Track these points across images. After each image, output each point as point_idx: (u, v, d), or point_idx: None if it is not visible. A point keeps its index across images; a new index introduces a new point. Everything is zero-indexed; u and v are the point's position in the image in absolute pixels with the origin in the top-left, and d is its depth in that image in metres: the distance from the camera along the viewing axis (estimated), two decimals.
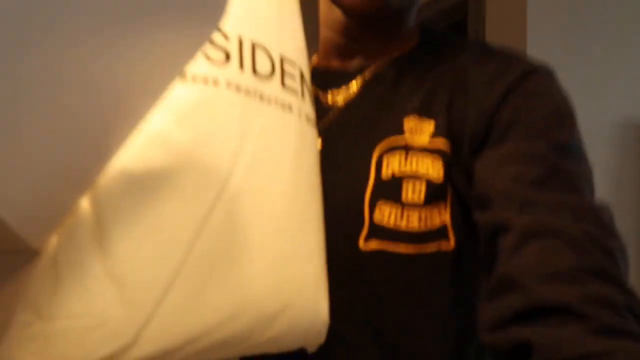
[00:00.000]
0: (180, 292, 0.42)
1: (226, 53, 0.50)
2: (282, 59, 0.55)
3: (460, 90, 0.60)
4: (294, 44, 0.58)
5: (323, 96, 0.66)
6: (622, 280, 0.46)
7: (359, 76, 0.65)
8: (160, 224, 0.43)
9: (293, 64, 0.56)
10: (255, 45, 0.52)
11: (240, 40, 0.51)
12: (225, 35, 0.50)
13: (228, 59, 0.50)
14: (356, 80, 0.65)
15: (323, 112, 0.64)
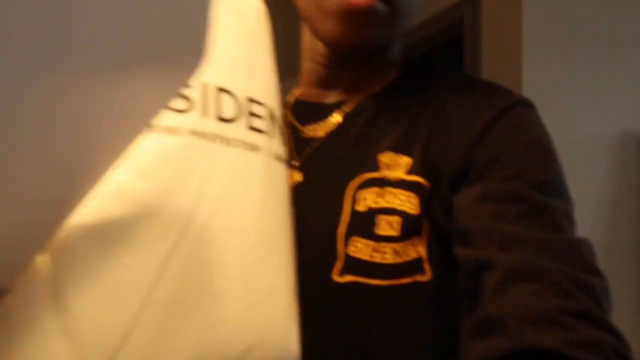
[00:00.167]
0: (137, 345, 0.42)
1: (189, 101, 0.51)
2: (250, 100, 0.56)
3: (438, 127, 0.60)
4: (263, 84, 0.59)
5: (303, 129, 0.67)
6: (607, 321, 0.46)
7: (339, 110, 0.66)
8: (117, 276, 0.44)
9: (261, 105, 0.57)
10: (221, 90, 0.53)
11: (204, 87, 0.52)
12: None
13: (191, 106, 0.50)
14: (336, 114, 0.66)
15: (303, 145, 0.65)
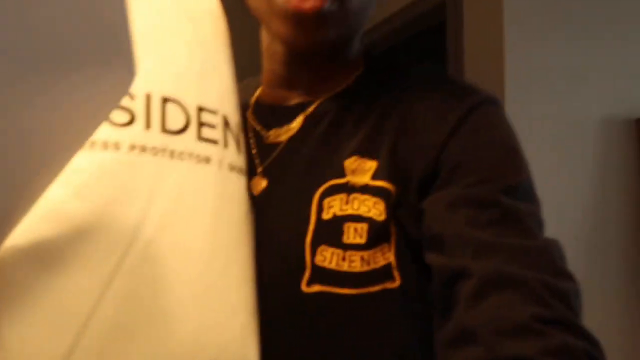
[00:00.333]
0: None
1: (131, 113, 0.48)
2: (200, 109, 0.53)
3: (404, 129, 0.58)
4: (217, 91, 0.56)
5: (266, 134, 0.65)
6: (581, 327, 0.46)
7: (302, 113, 0.64)
8: (53, 303, 0.42)
9: (214, 113, 0.55)
10: (167, 100, 0.51)
11: (148, 97, 0.50)
12: (131, 95, 0.49)
13: (133, 119, 0.48)
14: (299, 118, 0.64)
15: (267, 151, 0.63)
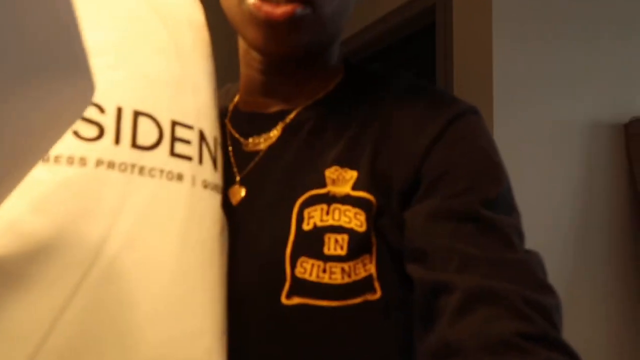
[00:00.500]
0: None
1: (100, 128, 0.46)
2: (174, 124, 0.52)
3: (385, 138, 0.58)
4: (194, 104, 0.55)
5: (245, 142, 0.63)
6: (563, 342, 0.47)
7: (281, 122, 0.62)
8: (8, 324, 0.40)
9: (189, 128, 0.53)
10: (139, 114, 0.49)
11: (119, 110, 0.48)
12: (101, 108, 0.47)
13: (102, 133, 0.46)
14: (278, 126, 0.62)
15: (245, 160, 0.62)
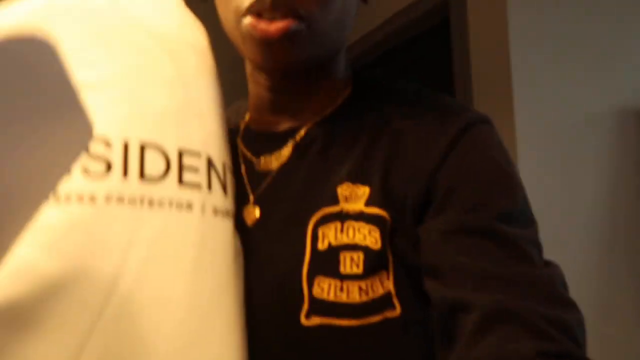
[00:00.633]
0: None
1: (107, 163, 0.46)
2: (181, 152, 0.52)
3: (395, 153, 0.57)
4: (200, 131, 0.54)
5: (257, 161, 0.63)
6: (584, 358, 0.46)
7: (291, 140, 0.62)
8: None
9: (196, 155, 0.53)
10: (146, 145, 0.49)
11: (125, 144, 0.48)
12: (107, 142, 0.47)
13: (109, 168, 0.46)
14: (288, 145, 0.62)
15: (258, 179, 0.62)
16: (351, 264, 0.54)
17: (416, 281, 0.54)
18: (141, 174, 0.48)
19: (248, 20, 0.54)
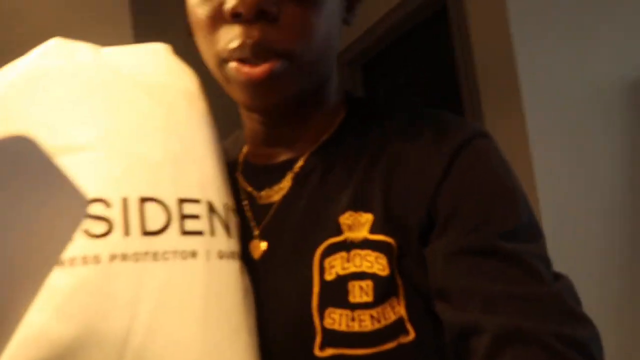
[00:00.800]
0: None
1: (108, 222, 0.48)
2: (181, 201, 0.52)
3: (395, 177, 0.57)
4: (198, 177, 0.55)
5: (258, 196, 0.64)
6: None
7: (289, 171, 0.63)
8: None
9: (196, 202, 0.54)
10: (145, 200, 0.50)
11: (125, 202, 0.49)
12: (107, 203, 0.48)
13: (111, 227, 0.47)
14: (287, 176, 0.63)
15: (261, 212, 0.62)
16: (361, 292, 0.54)
17: (428, 304, 0.54)
18: (143, 229, 0.49)
19: (231, 65, 0.54)
